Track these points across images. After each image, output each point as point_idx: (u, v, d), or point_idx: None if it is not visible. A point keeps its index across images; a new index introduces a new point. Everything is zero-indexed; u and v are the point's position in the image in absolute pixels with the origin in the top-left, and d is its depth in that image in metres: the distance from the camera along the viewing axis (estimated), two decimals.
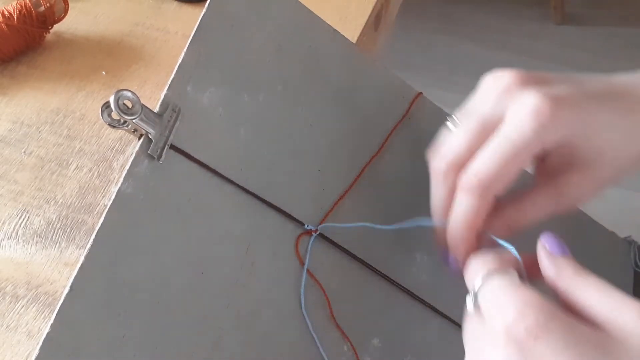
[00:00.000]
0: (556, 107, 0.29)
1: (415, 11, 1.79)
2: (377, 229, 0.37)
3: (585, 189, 0.33)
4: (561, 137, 0.30)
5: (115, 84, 0.49)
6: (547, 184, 0.33)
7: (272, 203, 0.34)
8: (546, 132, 0.29)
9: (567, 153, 0.32)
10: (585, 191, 0.33)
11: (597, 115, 0.31)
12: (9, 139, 0.46)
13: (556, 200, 0.33)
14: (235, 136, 0.34)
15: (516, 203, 0.33)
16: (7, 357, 0.36)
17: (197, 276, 0.31)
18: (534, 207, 0.33)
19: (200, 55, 0.34)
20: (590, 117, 0.31)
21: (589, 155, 0.32)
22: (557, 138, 0.30)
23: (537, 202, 0.33)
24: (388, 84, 0.42)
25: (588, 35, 1.78)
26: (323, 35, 0.40)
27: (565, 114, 0.30)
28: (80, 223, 0.41)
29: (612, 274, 0.48)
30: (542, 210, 0.33)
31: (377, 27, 0.58)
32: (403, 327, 0.36)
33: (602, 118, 0.31)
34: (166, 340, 0.30)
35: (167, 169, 0.32)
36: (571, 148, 0.32)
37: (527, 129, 0.29)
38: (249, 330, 0.32)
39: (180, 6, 0.56)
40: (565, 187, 0.33)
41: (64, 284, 0.38)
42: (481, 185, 0.30)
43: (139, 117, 0.30)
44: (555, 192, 0.33)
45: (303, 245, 0.35)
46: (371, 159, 0.39)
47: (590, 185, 0.33)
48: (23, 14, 0.49)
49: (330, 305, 0.34)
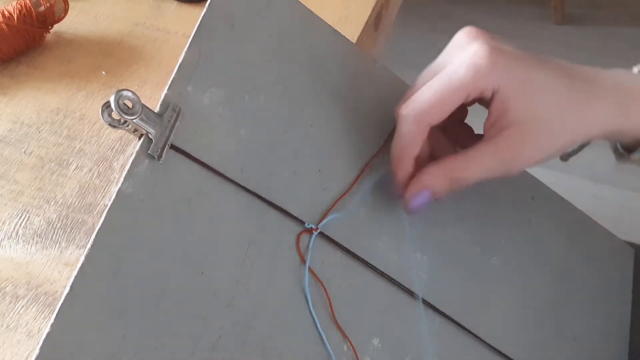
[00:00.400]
0: (494, 55, 0.32)
1: (415, 11, 1.79)
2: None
3: (527, 151, 0.33)
4: (496, 86, 0.32)
5: (115, 84, 0.49)
6: (492, 142, 0.34)
7: (272, 202, 0.34)
8: (479, 75, 0.32)
9: (506, 109, 0.33)
10: (527, 154, 0.33)
11: (535, 74, 0.33)
12: (9, 139, 0.46)
13: (500, 160, 0.33)
14: (236, 136, 0.34)
15: (461, 156, 0.34)
16: (7, 357, 0.36)
17: (197, 276, 0.31)
18: (477, 164, 0.34)
19: (201, 55, 0.34)
20: (526, 74, 0.32)
21: (526, 115, 0.33)
22: (491, 85, 0.32)
23: (482, 159, 0.34)
24: (388, 84, 0.42)
25: (588, 35, 1.78)
26: (323, 35, 0.40)
27: (500, 63, 0.32)
28: (80, 223, 0.41)
29: (611, 274, 0.48)
30: (486, 169, 0.34)
31: (377, 27, 0.58)
32: (403, 327, 0.36)
33: (539, 78, 0.33)
34: (166, 341, 0.30)
35: (167, 169, 0.32)
36: (508, 103, 0.33)
37: (462, 70, 0.32)
38: (249, 330, 0.32)
39: (180, 6, 0.56)
40: (507, 145, 0.33)
41: (64, 284, 0.38)
42: (415, 114, 0.33)
43: (139, 117, 0.30)
44: (498, 150, 0.33)
45: (303, 245, 0.35)
46: (371, 158, 0.39)
47: (531, 149, 0.33)
48: (23, 14, 0.49)
49: (331, 305, 0.34)
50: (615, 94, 0.34)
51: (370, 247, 0.37)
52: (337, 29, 0.40)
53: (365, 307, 0.36)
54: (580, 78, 0.34)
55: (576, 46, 1.75)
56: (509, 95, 0.32)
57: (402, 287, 0.37)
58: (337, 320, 0.34)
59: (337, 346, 0.34)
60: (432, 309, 0.37)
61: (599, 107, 0.33)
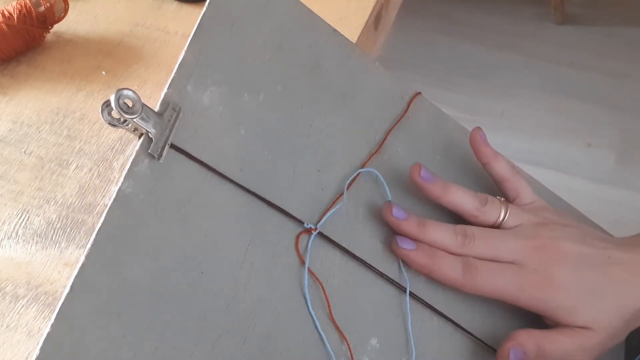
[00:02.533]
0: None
1: (415, 11, 1.79)
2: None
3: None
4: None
5: (115, 84, 0.49)
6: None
7: (272, 202, 0.34)
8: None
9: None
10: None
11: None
12: (9, 139, 0.46)
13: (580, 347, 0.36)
14: (236, 135, 0.34)
15: (550, 333, 0.36)
16: (7, 357, 0.36)
17: (197, 276, 0.31)
18: (562, 343, 0.36)
19: (201, 54, 0.34)
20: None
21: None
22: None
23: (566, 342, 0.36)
24: (387, 84, 0.42)
25: (588, 35, 1.78)
26: (323, 35, 0.40)
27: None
28: (80, 223, 0.41)
29: None
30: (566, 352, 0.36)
31: (377, 27, 0.58)
32: (402, 327, 0.36)
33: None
34: (166, 340, 0.30)
35: (167, 168, 0.32)
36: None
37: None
38: (249, 330, 0.32)
39: (180, 6, 0.56)
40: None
41: (64, 284, 0.38)
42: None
43: (140, 116, 0.30)
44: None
45: (302, 245, 0.35)
46: (369, 157, 0.39)
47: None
48: (23, 14, 0.49)
49: (329, 305, 0.34)
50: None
51: (369, 247, 0.37)
52: (337, 29, 0.40)
53: (363, 307, 0.36)
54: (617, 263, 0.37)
55: (576, 46, 1.75)
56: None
57: (401, 287, 0.37)
58: (335, 320, 0.34)
59: (337, 346, 0.34)
60: (431, 308, 0.37)
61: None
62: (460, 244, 0.37)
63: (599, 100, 1.63)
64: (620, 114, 1.59)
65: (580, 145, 1.53)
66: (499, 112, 1.61)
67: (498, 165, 0.40)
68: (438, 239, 0.36)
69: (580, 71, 1.70)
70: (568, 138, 1.55)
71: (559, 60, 1.72)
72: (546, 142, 1.54)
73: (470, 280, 0.36)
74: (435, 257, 0.36)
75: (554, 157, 1.50)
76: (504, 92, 1.66)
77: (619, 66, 1.70)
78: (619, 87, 1.66)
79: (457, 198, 0.38)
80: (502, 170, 0.40)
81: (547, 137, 1.55)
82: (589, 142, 1.54)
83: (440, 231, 0.37)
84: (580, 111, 1.60)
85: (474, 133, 0.41)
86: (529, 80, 1.68)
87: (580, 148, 1.53)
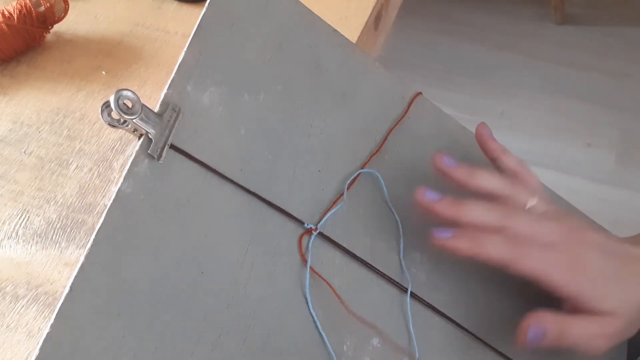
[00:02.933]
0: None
1: (415, 11, 1.79)
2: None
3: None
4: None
5: (115, 84, 0.49)
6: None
7: (272, 202, 0.34)
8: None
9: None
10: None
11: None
12: (9, 139, 0.46)
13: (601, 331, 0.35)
14: (236, 135, 0.34)
15: (573, 317, 0.35)
16: (7, 357, 0.36)
17: (197, 276, 0.31)
18: (584, 327, 0.35)
19: (201, 54, 0.34)
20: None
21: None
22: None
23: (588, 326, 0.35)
24: (387, 84, 0.42)
25: (588, 35, 1.78)
26: (323, 35, 0.40)
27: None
28: (80, 223, 0.41)
29: None
30: (588, 335, 0.35)
31: (377, 27, 0.58)
32: (403, 327, 0.36)
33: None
34: (166, 340, 0.30)
35: (167, 168, 0.32)
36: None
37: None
38: (249, 330, 0.32)
39: (180, 6, 0.56)
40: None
41: (64, 284, 0.38)
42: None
43: (139, 116, 0.30)
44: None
45: (303, 245, 0.35)
46: (370, 157, 0.39)
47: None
48: (23, 14, 0.49)
49: (342, 300, 0.34)
50: None
51: (370, 248, 0.37)
52: (337, 29, 0.40)
53: (364, 307, 0.36)
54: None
55: (576, 46, 1.75)
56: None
57: (401, 287, 0.37)
58: (335, 319, 0.34)
59: (337, 346, 0.34)
60: (431, 308, 0.37)
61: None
62: (501, 218, 0.35)
63: (599, 100, 1.62)
64: (620, 114, 1.59)
65: (580, 145, 1.53)
66: (499, 112, 1.61)
67: (508, 159, 0.40)
68: (475, 217, 0.35)
69: (580, 71, 1.70)
70: (568, 138, 1.55)
71: (559, 60, 1.72)
72: (546, 142, 1.54)
73: (517, 259, 0.34)
74: (478, 238, 0.34)
75: (554, 157, 1.50)
76: (504, 92, 1.65)
77: (619, 66, 1.70)
78: (619, 87, 1.66)
79: (486, 181, 0.37)
80: (512, 164, 0.40)
81: (547, 137, 1.55)
82: (589, 142, 1.54)
83: (477, 208, 0.35)
84: (580, 111, 1.60)
85: (480, 129, 0.40)
86: (529, 80, 1.68)
87: (580, 148, 1.53)
